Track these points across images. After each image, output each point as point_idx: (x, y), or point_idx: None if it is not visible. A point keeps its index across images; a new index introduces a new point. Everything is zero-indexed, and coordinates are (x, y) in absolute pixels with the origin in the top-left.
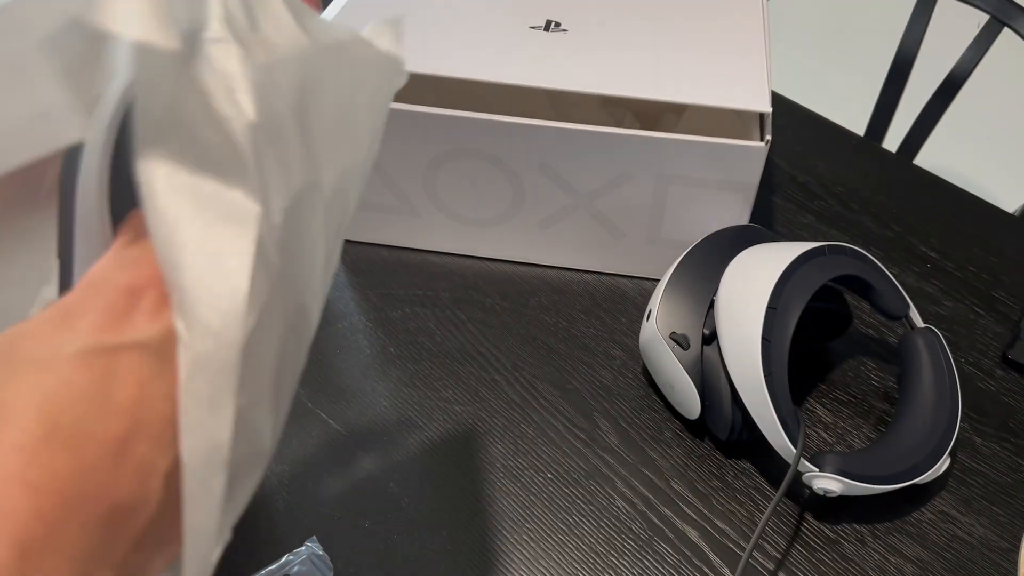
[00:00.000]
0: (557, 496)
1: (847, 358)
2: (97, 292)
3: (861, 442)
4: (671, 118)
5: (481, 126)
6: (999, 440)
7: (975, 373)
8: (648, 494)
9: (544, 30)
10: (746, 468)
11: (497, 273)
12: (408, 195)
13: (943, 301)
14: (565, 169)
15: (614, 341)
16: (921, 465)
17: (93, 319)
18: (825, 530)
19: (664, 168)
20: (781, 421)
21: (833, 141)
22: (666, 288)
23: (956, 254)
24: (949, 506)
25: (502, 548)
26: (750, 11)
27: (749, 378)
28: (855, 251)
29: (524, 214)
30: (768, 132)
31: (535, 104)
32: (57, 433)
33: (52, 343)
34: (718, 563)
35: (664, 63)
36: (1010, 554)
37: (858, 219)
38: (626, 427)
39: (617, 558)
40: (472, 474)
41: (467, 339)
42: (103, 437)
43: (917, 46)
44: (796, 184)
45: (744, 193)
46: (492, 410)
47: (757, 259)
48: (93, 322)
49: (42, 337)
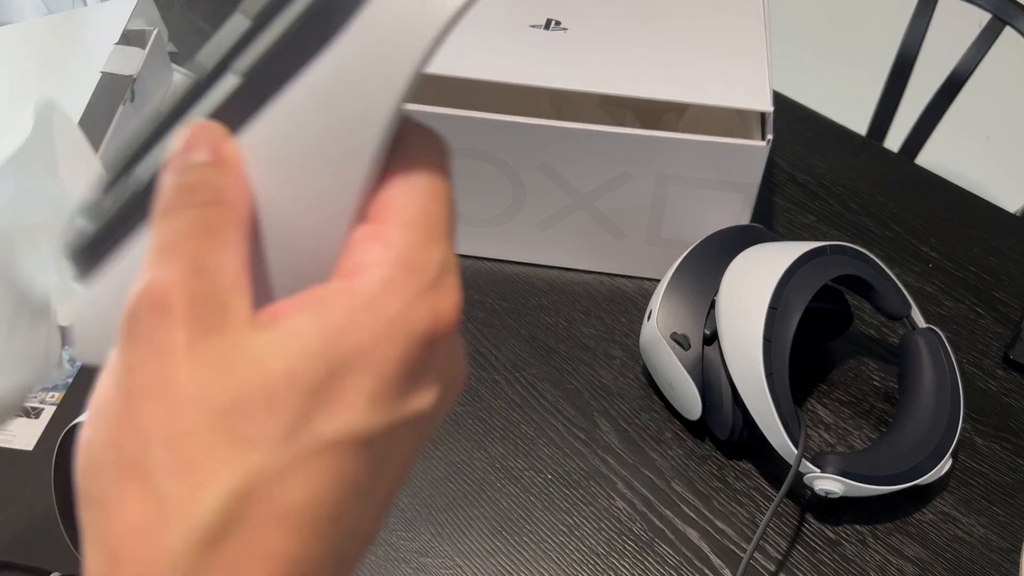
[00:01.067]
0: (557, 497)
1: (848, 358)
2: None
3: (862, 443)
4: (671, 118)
5: (481, 126)
6: (1000, 440)
7: (976, 373)
8: (648, 495)
9: (544, 29)
10: (747, 469)
11: (497, 273)
12: None
13: (944, 301)
14: (565, 169)
15: (614, 341)
16: (922, 466)
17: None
18: (826, 531)
19: (664, 168)
20: (782, 421)
21: (834, 141)
22: (667, 288)
23: (957, 254)
24: (950, 507)
25: (502, 549)
26: (751, 10)
27: (750, 378)
28: (856, 251)
29: (524, 214)
30: (769, 131)
31: (535, 104)
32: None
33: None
34: (719, 564)
35: (665, 62)
36: (1011, 554)
37: (859, 219)
38: (626, 427)
39: (618, 559)
40: (472, 474)
41: (467, 339)
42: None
43: (918, 45)
44: (797, 184)
45: (745, 193)
46: (492, 410)
47: (758, 259)
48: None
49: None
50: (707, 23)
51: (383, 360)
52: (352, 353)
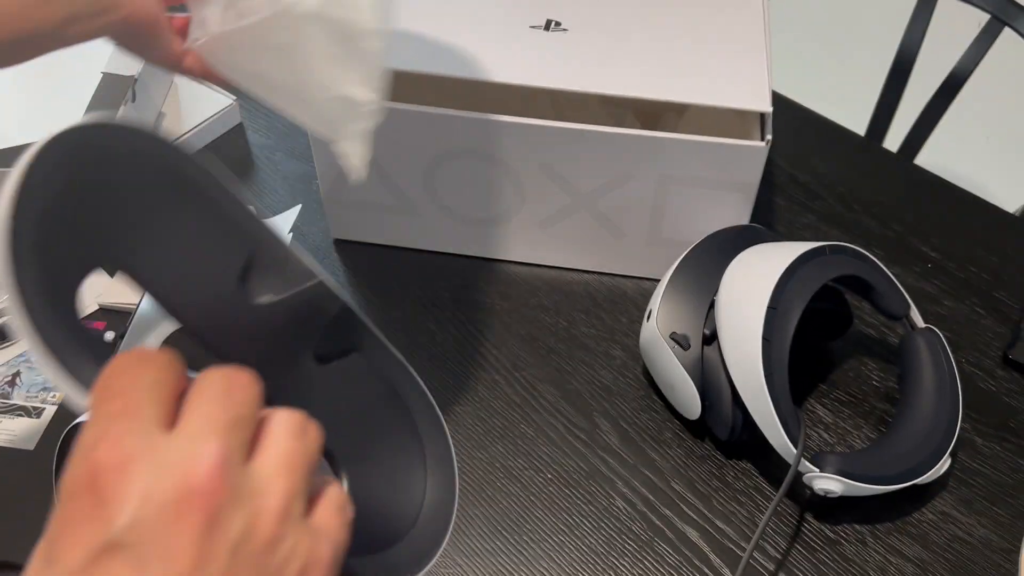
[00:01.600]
0: (557, 496)
1: (848, 358)
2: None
3: (862, 442)
4: (671, 118)
5: (481, 126)
6: (1000, 440)
7: (976, 373)
8: (648, 494)
9: (544, 30)
10: (746, 468)
11: (497, 273)
12: (408, 195)
13: (944, 301)
14: (565, 169)
15: (614, 341)
16: (922, 465)
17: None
18: (826, 530)
19: (664, 168)
20: (782, 421)
21: (834, 141)
22: (666, 288)
23: (957, 254)
24: (950, 506)
25: (502, 549)
26: (751, 10)
27: (749, 378)
28: (856, 251)
29: (524, 214)
30: (769, 132)
31: (535, 104)
32: None
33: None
34: (718, 563)
35: (665, 63)
36: (1011, 554)
37: (859, 219)
38: (626, 427)
39: (617, 559)
40: (472, 474)
41: (467, 339)
42: None
43: (918, 46)
44: (796, 184)
45: (744, 193)
46: (492, 410)
47: (757, 259)
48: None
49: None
50: (707, 23)
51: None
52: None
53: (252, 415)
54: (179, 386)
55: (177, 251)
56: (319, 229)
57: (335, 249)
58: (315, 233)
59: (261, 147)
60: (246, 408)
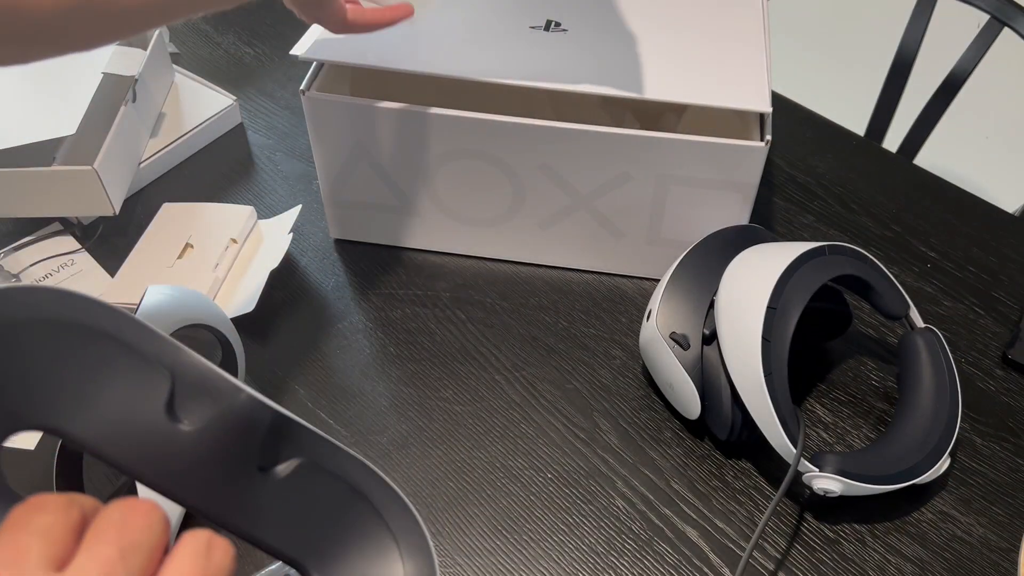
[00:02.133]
0: (557, 496)
1: (847, 358)
2: None
3: (861, 442)
4: (671, 118)
5: (481, 126)
6: (999, 440)
7: (975, 373)
8: (648, 494)
9: (544, 30)
10: (746, 468)
11: (497, 273)
12: (408, 195)
13: (943, 301)
14: (565, 169)
15: (614, 341)
16: (921, 465)
17: None
18: (825, 530)
19: (664, 168)
20: (781, 421)
21: (833, 141)
22: (666, 288)
23: (956, 254)
24: (949, 506)
25: (502, 548)
26: (750, 11)
27: (749, 378)
28: (855, 251)
29: (524, 214)
30: (768, 132)
31: (535, 104)
32: None
33: None
34: (718, 563)
35: (664, 63)
36: (1010, 554)
37: (858, 219)
38: (626, 427)
39: (617, 558)
40: (472, 474)
41: (467, 339)
42: None
43: (917, 46)
44: (796, 184)
45: (744, 193)
46: (492, 410)
47: (757, 259)
48: None
49: None
50: (707, 24)
51: None
52: None
53: (150, 541)
54: (77, 526)
55: (98, 400)
56: (319, 229)
57: (335, 249)
58: (315, 233)
59: (261, 147)
60: (143, 534)
